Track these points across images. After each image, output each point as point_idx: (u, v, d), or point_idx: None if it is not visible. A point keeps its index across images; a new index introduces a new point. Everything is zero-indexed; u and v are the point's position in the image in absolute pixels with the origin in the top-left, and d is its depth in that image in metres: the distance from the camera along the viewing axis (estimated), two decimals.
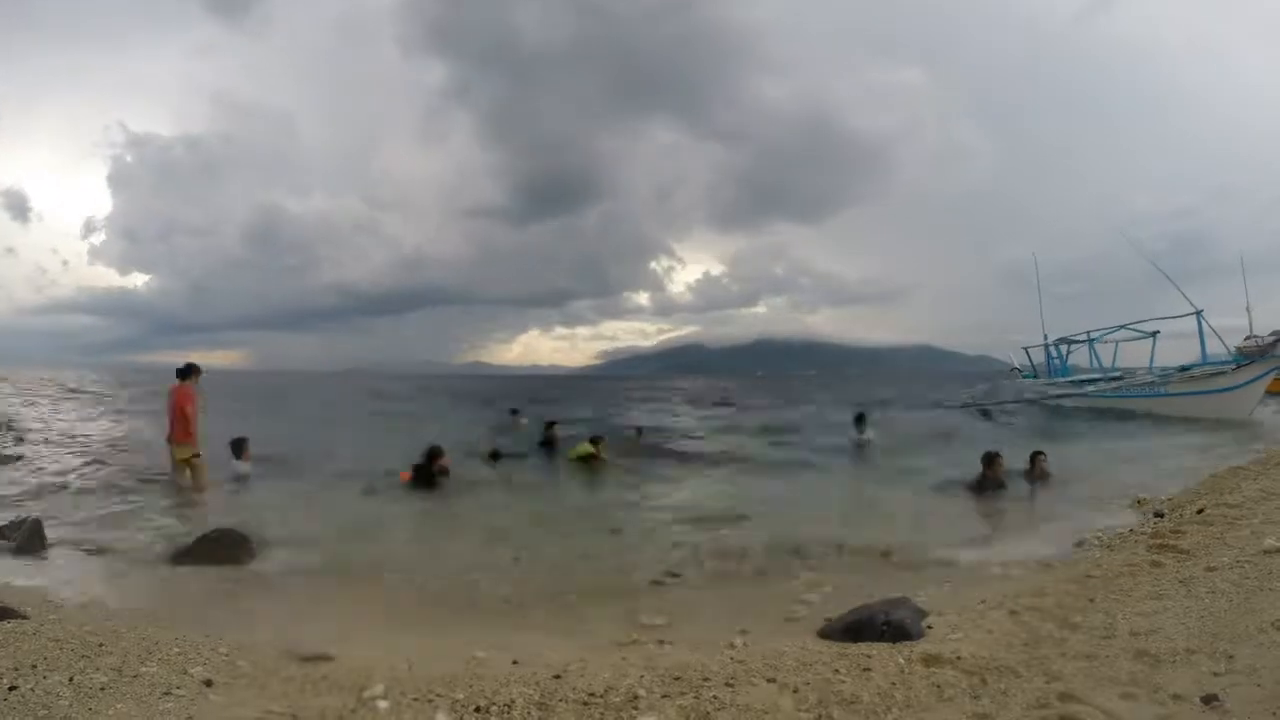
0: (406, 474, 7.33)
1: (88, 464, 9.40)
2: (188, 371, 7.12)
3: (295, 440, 8.52)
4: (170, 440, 6.99)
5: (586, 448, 8.93)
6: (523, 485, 8.10)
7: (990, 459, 6.91)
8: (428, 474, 7.20)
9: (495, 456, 9.05)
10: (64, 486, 7.61)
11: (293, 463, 8.59)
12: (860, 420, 10.95)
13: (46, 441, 11.84)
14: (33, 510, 5.77)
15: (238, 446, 7.78)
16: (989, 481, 6.77)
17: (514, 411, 15.74)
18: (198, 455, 6.97)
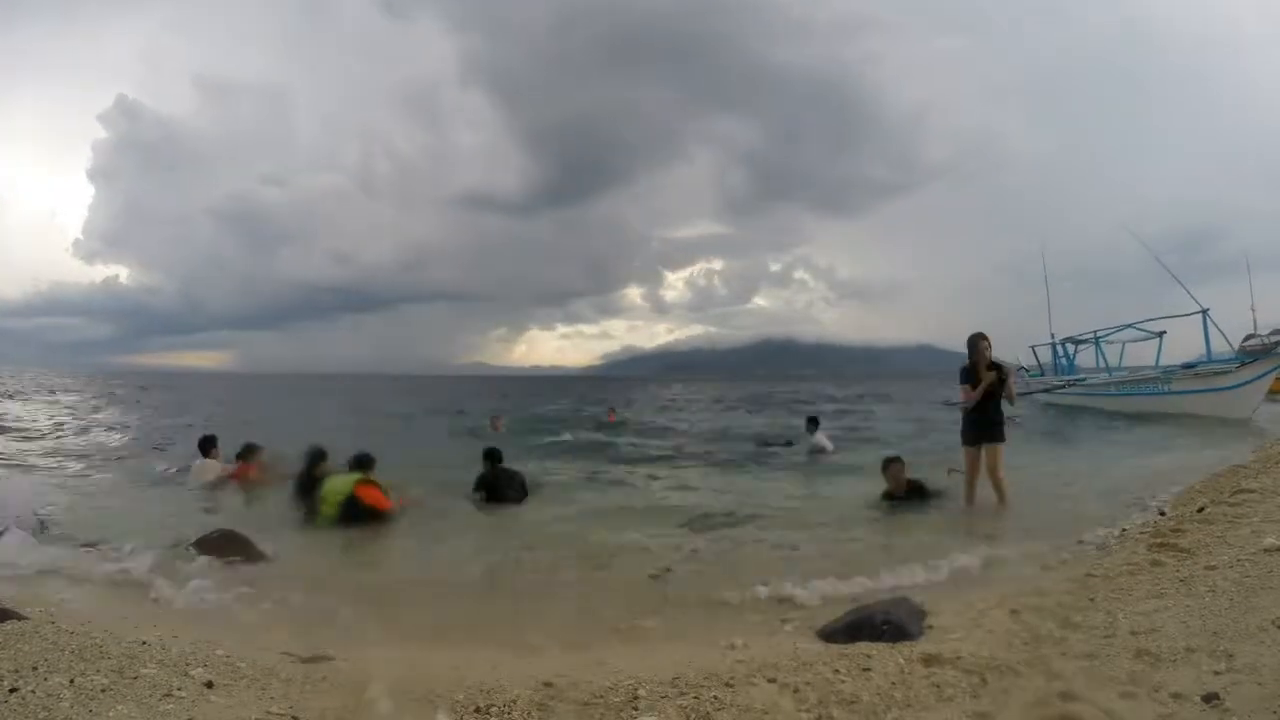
0: None
1: (89, 465, 9.42)
2: (248, 452, 7.53)
3: (291, 441, 8.47)
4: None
5: (344, 482, 5.80)
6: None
7: (886, 463, 6.40)
8: (310, 484, 6.24)
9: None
10: (65, 487, 7.63)
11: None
12: (813, 422, 11.31)
13: (45, 442, 11.87)
14: (34, 510, 5.78)
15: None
16: (894, 490, 6.26)
17: (494, 417, 16.01)
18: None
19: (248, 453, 7.59)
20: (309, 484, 6.22)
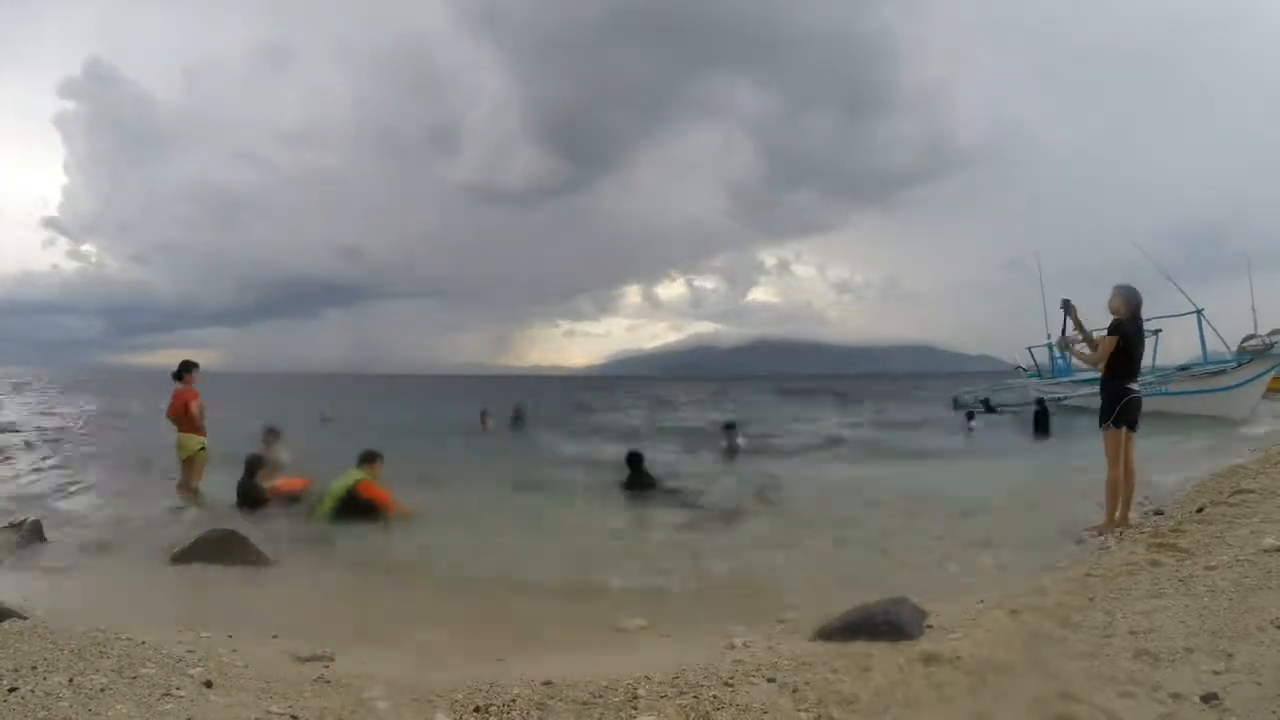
0: None
1: (87, 465, 9.42)
2: (184, 370, 6.99)
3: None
4: (181, 431, 6.86)
5: (346, 479, 5.92)
6: (522, 485, 8.11)
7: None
8: (249, 491, 6.28)
9: None
10: (64, 486, 7.63)
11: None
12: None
13: (45, 442, 11.87)
14: (33, 510, 5.79)
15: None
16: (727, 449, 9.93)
17: (483, 414, 16.10)
18: (203, 449, 6.93)
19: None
20: (249, 488, 6.34)
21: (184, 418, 6.86)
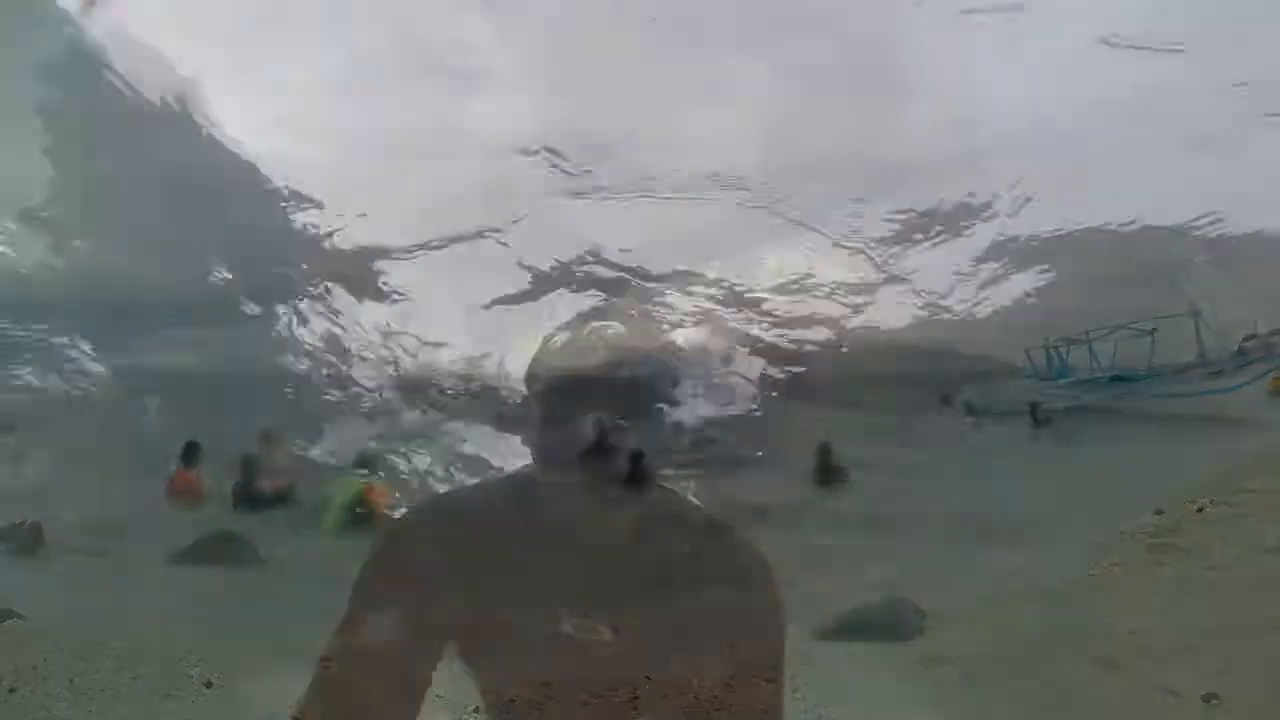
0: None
1: (84, 466, 9.41)
2: (194, 455, 6.57)
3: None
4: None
5: (355, 486, 5.78)
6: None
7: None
8: (248, 492, 6.10)
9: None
10: (62, 487, 7.62)
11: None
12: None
13: (39, 442, 11.86)
14: (32, 512, 5.78)
15: None
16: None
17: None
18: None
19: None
20: (247, 492, 6.19)
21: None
